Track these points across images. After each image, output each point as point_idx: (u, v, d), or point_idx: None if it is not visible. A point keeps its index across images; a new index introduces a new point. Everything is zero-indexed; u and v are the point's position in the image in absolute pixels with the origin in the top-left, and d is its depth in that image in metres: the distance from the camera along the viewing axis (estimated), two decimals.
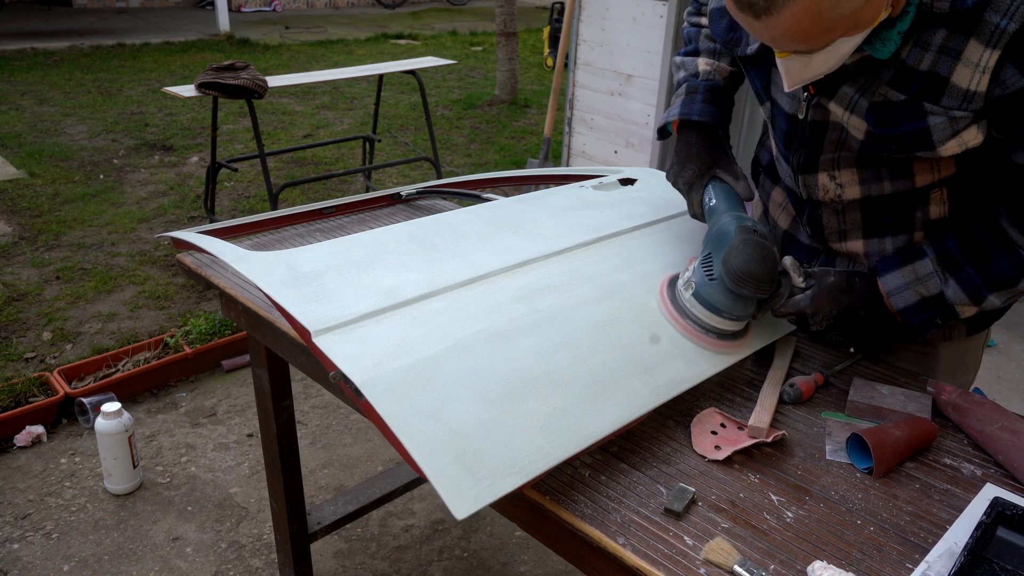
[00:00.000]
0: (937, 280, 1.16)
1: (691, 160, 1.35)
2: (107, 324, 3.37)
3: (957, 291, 1.15)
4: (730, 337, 1.24)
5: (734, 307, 1.20)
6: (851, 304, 1.21)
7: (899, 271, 1.19)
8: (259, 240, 1.70)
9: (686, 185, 1.35)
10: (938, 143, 1.08)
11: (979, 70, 1.00)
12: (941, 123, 1.06)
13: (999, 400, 2.84)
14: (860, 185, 1.23)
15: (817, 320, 1.22)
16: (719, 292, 1.20)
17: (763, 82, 1.27)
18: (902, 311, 1.19)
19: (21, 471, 2.52)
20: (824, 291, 1.21)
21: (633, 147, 4.45)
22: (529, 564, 2.25)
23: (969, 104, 1.03)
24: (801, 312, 1.22)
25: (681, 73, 1.45)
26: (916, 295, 1.18)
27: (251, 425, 2.80)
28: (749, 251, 1.16)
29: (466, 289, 1.24)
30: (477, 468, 0.94)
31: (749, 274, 1.16)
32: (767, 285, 1.18)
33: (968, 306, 1.16)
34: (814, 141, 1.22)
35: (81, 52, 8.62)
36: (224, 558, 2.23)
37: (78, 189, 4.80)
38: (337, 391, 1.27)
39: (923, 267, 1.17)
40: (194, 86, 3.70)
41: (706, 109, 1.37)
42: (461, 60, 9.22)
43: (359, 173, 4.88)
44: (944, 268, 1.16)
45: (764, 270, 1.16)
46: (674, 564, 0.90)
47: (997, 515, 0.94)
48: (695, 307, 1.23)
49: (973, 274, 1.14)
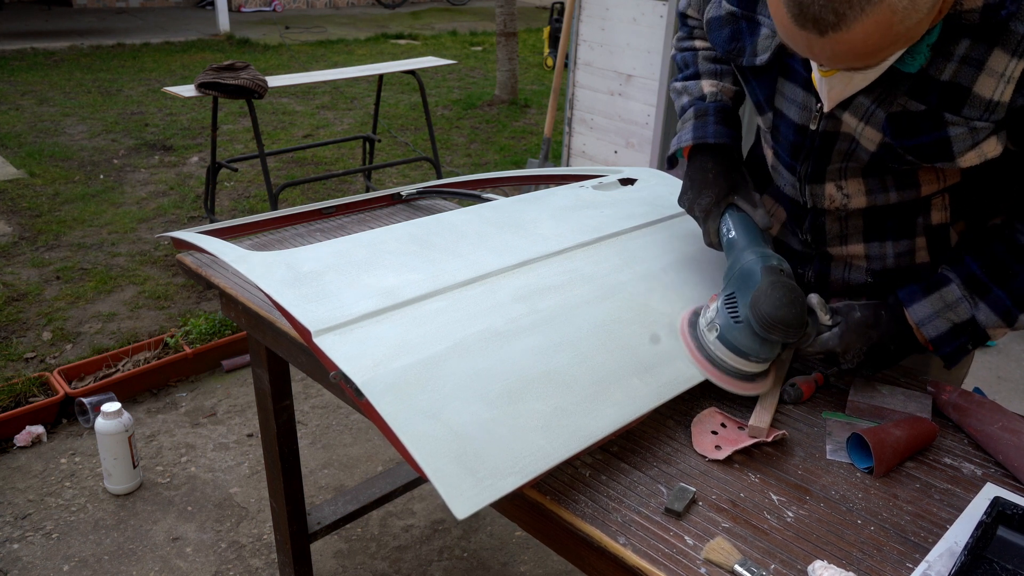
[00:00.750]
0: (967, 305, 1.14)
1: (708, 186, 1.30)
2: (107, 324, 3.37)
3: (989, 314, 1.13)
4: (752, 378, 1.21)
5: (761, 350, 1.16)
6: (880, 338, 1.19)
7: (926, 300, 1.16)
8: (259, 240, 1.70)
9: (703, 213, 1.31)
10: (958, 154, 1.06)
11: (1004, 80, 0.98)
12: (961, 133, 1.04)
13: (999, 400, 2.84)
14: (866, 195, 1.22)
15: (848, 358, 1.20)
16: (745, 336, 1.15)
17: (767, 93, 1.24)
18: (934, 340, 1.16)
19: (21, 471, 2.52)
20: (852, 328, 1.18)
21: (633, 147, 4.45)
22: (529, 564, 2.25)
23: (991, 115, 1.02)
24: (830, 351, 1.20)
25: (684, 98, 1.40)
26: (947, 323, 1.15)
27: (251, 425, 2.80)
28: (778, 295, 1.12)
29: (466, 289, 1.24)
30: (477, 468, 0.95)
31: (779, 320, 1.11)
32: (796, 330, 1.14)
33: (1000, 328, 1.14)
34: (823, 151, 1.20)
35: (81, 52, 8.62)
36: (224, 558, 2.23)
37: (78, 189, 4.80)
38: (337, 391, 1.27)
39: (951, 293, 1.15)
40: (194, 86, 3.70)
41: (721, 131, 1.33)
42: (461, 60, 9.22)
43: (359, 173, 4.88)
44: (972, 292, 1.14)
45: (794, 315, 1.12)
46: (675, 564, 0.90)
47: (997, 515, 0.94)
48: (720, 350, 1.18)
49: (1003, 295, 1.12)
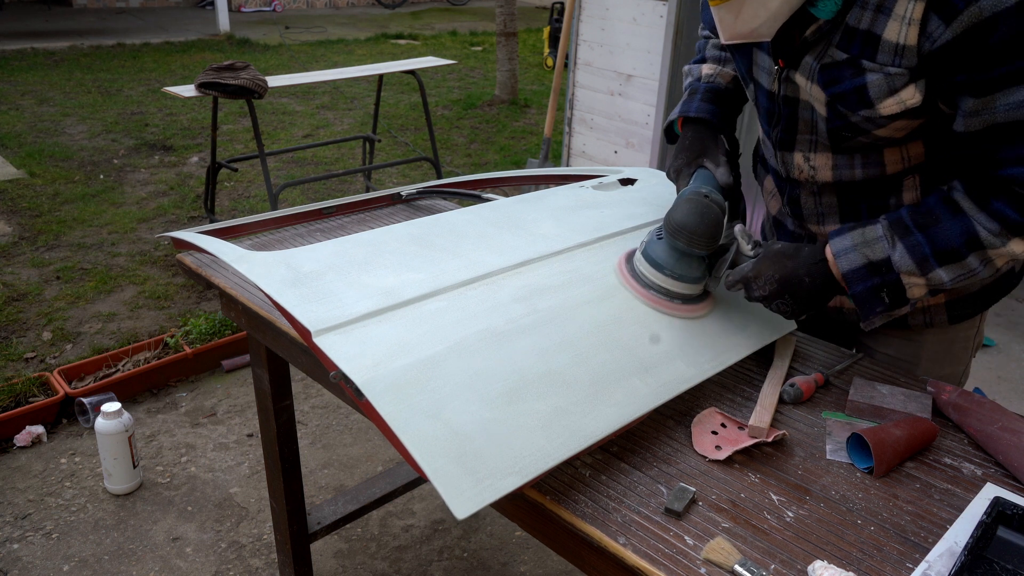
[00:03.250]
0: (885, 244, 1.13)
1: (683, 151, 1.42)
2: (107, 324, 3.37)
3: (904, 257, 1.11)
4: (677, 300, 1.27)
5: (676, 264, 1.25)
6: (795, 268, 1.19)
7: (848, 234, 1.17)
8: (259, 240, 1.70)
9: (675, 173, 1.42)
10: (876, 100, 1.11)
11: (905, 22, 1.04)
12: (877, 80, 1.09)
13: (999, 400, 2.84)
14: (832, 170, 1.27)
15: (759, 285, 1.20)
16: (662, 248, 1.26)
17: (746, 64, 1.32)
18: (847, 274, 1.15)
19: (21, 471, 2.52)
20: (768, 256, 1.21)
21: (633, 147, 4.45)
22: (529, 564, 2.25)
23: (901, 59, 1.06)
24: (744, 278, 1.22)
25: (688, 79, 1.53)
26: (862, 257, 1.14)
27: (251, 425, 2.80)
28: (688, 207, 1.23)
29: (466, 289, 1.24)
30: (477, 468, 0.95)
31: (684, 226, 1.21)
32: (701, 239, 1.22)
33: (915, 276, 1.11)
34: (789, 118, 1.28)
35: (81, 52, 8.62)
36: (224, 558, 2.23)
37: (78, 189, 4.80)
38: (337, 391, 1.27)
39: (873, 231, 1.15)
40: (194, 86, 3.70)
41: (703, 107, 1.44)
42: (461, 60, 9.22)
43: (359, 173, 4.88)
44: (894, 233, 1.13)
45: (698, 223, 1.21)
46: (675, 564, 0.90)
47: (997, 515, 0.94)
48: (641, 264, 1.29)
49: (922, 240, 1.10)
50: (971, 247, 1.08)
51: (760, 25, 1.11)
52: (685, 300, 1.28)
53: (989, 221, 1.07)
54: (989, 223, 1.07)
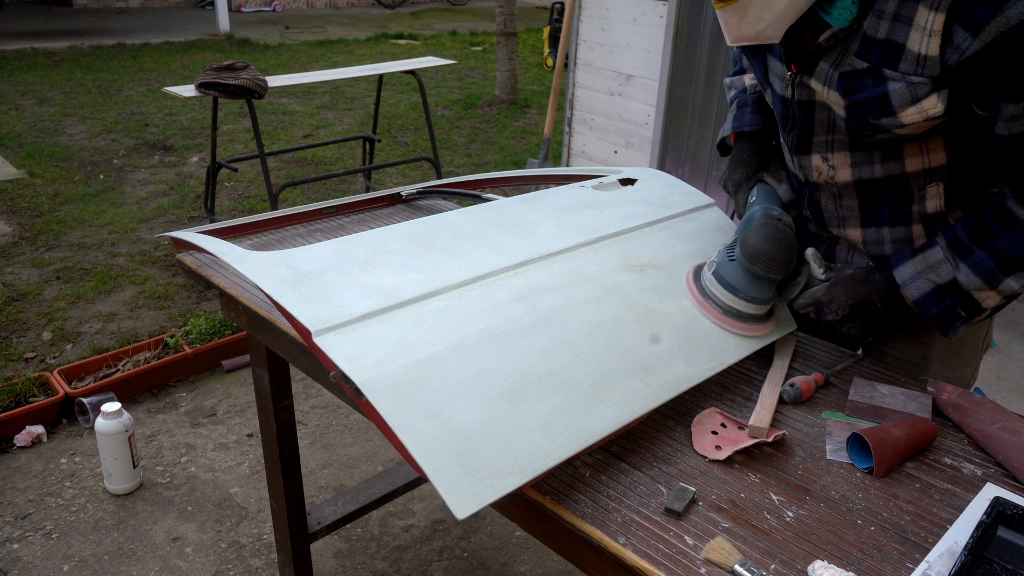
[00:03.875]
0: (948, 267, 1.16)
1: (740, 165, 1.43)
2: (107, 324, 3.37)
3: (970, 275, 1.15)
4: (748, 320, 1.28)
5: (750, 287, 1.26)
6: (868, 295, 1.23)
7: (911, 261, 1.20)
8: (259, 240, 1.70)
9: (734, 187, 1.43)
10: (898, 108, 1.12)
11: (927, 33, 1.04)
12: (900, 89, 1.10)
13: (999, 400, 2.84)
14: (851, 168, 1.27)
15: (832, 309, 1.24)
16: (736, 271, 1.26)
17: (761, 70, 1.33)
18: (917, 301, 1.19)
19: (21, 471, 2.52)
20: (842, 281, 1.24)
21: (633, 147, 4.45)
22: (529, 564, 2.25)
23: (924, 69, 1.07)
24: (817, 301, 1.25)
25: (731, 92, 1.54)
26: (929, 283, 1.18)
27: (251, 425, 2.80)
28: (765, 232, 1.23)
29: (466, 289, 1.24)
30: (478, 468, 0.95)
31: (762, 252, 1.22)
32: (779, 265, 1.23)
33: (985, 291, 1.15)
34: (805, 122, 1.28)
35: (81, 52, 8.62)
36: (224, 558, 2.23)
37: (78, 189, 4.80)
38: (337, 391, 1.27)
39: (934, 255, 1.18)
40: (194, 86, 3.70)
41: (755, 119, 1.46)
42: (461, 60, 9.22)
43: (359, 173, 4.87)
44: (954, 254, 1.16)
45: (777, 250, 1.22)
46: (675, 564, 0.90)
47: (997, 515, 0.94)
48: (713, 285, 1.29)
49: (984, 256, 1.13)
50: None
51: (765, 28, 1.11)
52: (755, 320, 1.29)
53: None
54: None
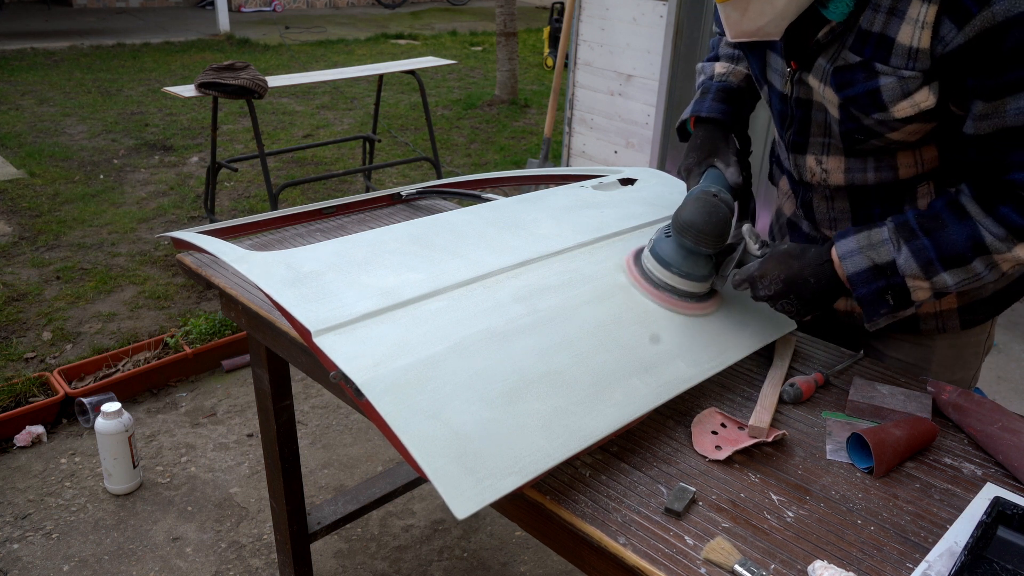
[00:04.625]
0: (890, 247, 1.13)
1: (693, 150, 1.43)
2: (107, 324, 3.37)
3: (909, 260, 1.11)
4: (685, 298, 1.28)
5: (684, 263, 1.26)
6: (801, 269, 1.19)
7: (854, 236, 1.17)
8: (259, 240, 1.70)
9: (686, 172, 1.42)
10: (889, 103, 1.11)
11: (919, 25, 1.03)
12: (891, 83, 1.09)
13: (999, 400, 2.85)
14: (844, 173, 1.26)
15: (764, 284, 1.20)
16: (670, 247, 1.27)
17: (759, 66, 1.32)
18: (851, 277, 1.15)
19: (21, 471, 2.52)
20: (775, 256, 1.21)
21: (633, 147, 4.45)
22: (529, 564, 2.25)
23: (915, 63, 1.06)
24: (751, 277, 1.22)
25: (701, 77, 1.54)
26: (867, 260, 1.14)
27: (251, 425, 2.80)
28: (696, 206, 1.24)
29: (466, 289, 1.24)
30: (477, 468, 0.95)
31: (691, 224, 1.22)
32: (709, 238, 1.23)
33: (920, 280, 1.11)
34: (802, 120, 1.27)
35: (81, 52, 8.61)
36: (224, 558, 2.23)
37: (78, 189, 4.80)
38: (337, 391, 1.27)
39: (878, 234, 1.14)
40: (194, 86, 3.70)
41: (714, 107, 1.44)
42: (461, 60, 9.22)
43: (359, 173, 4.87)
44: (899, 236, 1.13)
45: (706, 222, 1.22)
46: (674, 564, 0.90)
47: (997, 515, 0.94)
48: (649, 261, 1.30)
49: (928, 244, 1.10)
50: (977, 252, 1.08)
51: (767, 23, 1.10)
52: (692, 298, 1.29)
53: (995, 226, 1.06)
54: (995, 228, 1.06)
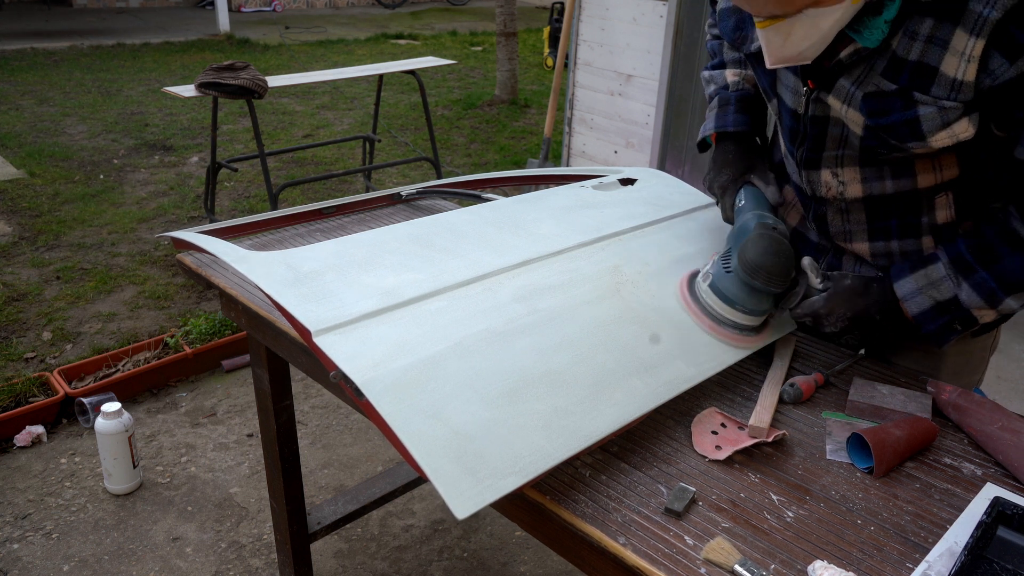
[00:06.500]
0: (950, 284, 1.15)
1: (727, 166, 1.40)
2: (107, 324, 3.37)
3: (971, 295, 1.14)
4: (745, 331, 1.27)
5: (748, 300, 1.23)
6: (866, 308, 1.21)
7: (911, 276, 1.18)
8: (259, 240, 1.70)
9: (720, 189, 1.39)
10: (928, 133, 1.09)
11: (964, 59, 1.01)
12: (931, 113, 1.07)
13: (999, 400, 2.84)
14: (862, 184, 1.24)
15: (831, 321, 1.22)
16: (734, 284, 1.24)
17: (769, 79, 1.30)
18: (917, 316, 1.18)
19: (21, 471, 2.52)
20: (840, 293, 1.22)
21: (633, 147, 4.45)
22: (529, 564, 2.25)
23: (958, 94, 1.04)
24: (816, 313, 1.23)
25: (711, 87, 1.50)
26: (930, 300, 1.17)
27: (251, 425, 2.80)
28: (764, 244, 1.20)
29: (466, 289, 1.24)
30: (478, 468, 0.95)
31: (761, 266, 1.20)
32: (779, 279, 1.21)
33: (985, 310, 1.15)
34: (817, 137, 1.24)
35: (81, 52, 8.61)
36: (224, 558, 2.23)
37: (78, 189, 4.80)
38: (337, 391, 1.27)
39: (935, 272, 1.16)
40: (194, 86, 3.70)
41: (739, 119, 1.42)
42: (461, 60, 9.22)
43: (359, 173, 4.87)
44: (957, 272, 1.14)
45: (777, 263, 1.20)
46: (674, 564, 0.90)
47: (997, 515, 0.94)
48: (710, 298, 1.26)
49: (987, 277, 1.12)
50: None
51: (808, 47, 1.06)
52: (752, 331, 1.28)
53: None
54: None
